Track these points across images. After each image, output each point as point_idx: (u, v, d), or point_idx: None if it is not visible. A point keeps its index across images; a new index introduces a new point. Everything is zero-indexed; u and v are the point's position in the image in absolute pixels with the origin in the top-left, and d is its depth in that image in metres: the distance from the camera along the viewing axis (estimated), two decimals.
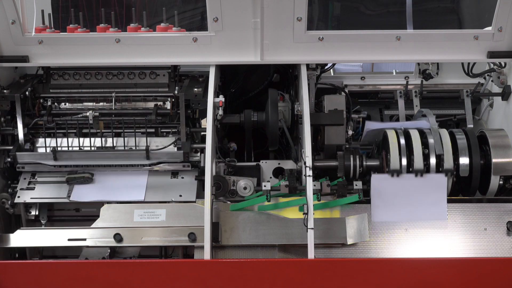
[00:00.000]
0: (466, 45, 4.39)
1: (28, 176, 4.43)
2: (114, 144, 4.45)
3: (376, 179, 4.12)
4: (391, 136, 4.21)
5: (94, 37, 4.39)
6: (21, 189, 4.39)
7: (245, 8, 4.17)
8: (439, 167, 4.15)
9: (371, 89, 5.22)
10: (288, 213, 4.10)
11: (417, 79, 5.10)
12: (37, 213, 4.45)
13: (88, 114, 4.38)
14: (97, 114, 4.39)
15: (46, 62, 4.47)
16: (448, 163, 4.10)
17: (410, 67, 5.39)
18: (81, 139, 4.45)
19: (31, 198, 4.36)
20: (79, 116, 4.43)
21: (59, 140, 4.47)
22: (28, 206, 4.45)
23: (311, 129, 4.19)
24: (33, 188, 4.39)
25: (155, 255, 4.44)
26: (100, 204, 4.29)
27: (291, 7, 4.16)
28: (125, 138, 4.46)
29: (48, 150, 4.42)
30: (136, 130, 4.45)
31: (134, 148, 4.43)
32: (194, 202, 4.26)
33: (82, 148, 4.43)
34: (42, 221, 4.44)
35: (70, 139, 4.44)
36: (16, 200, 4.35)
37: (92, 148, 4.44)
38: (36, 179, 4.43)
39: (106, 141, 4.46)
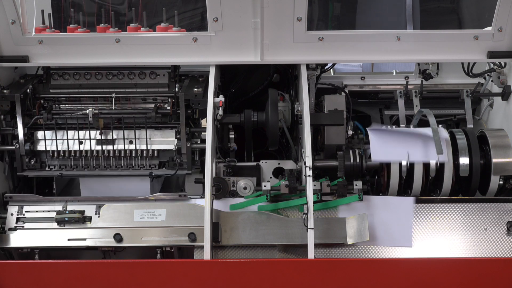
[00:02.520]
0: (466, 45, 4.39)
1: (15, 211, 4.28)
2: (114, 144, 4.44)
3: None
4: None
5: (94, 37, 4.39)
6: (10, 228, 4.24)
7: (245, 8, 4.17)
8: (439, 167, 4.17)
9: (371, 89, 5.22)
10: None
11: (417, 79, 5.10)
12: (29, 250, 4.27)
13: (87, 111, 4.37)
14: (96, 111, 4.39)
15: (46, 62, 4.47)
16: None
17: (410, 67, 5.39)
18: (81, 138, 4.45)
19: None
20: (78, 113, 4.42)
21: (59, 139, 4.46)
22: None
23: (311, 129, 4.19)
24: (22, 227, 4.24)
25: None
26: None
27: (291, 7, 4.16)
28: (125, 138, 4.46)
29: (48, 148, 4.42)
30: (136, 130, 4.45)
31: (134, 147, 4.43)
32: (194, 202, 4.26)
33: (82, 144, 4.42)
34: (35, 256, 4.26)
35: (70, 136, 4.43)
36: (8, 246, 4.20)
37: (92, 148, 4.44)
38: (24, 214, 4.28)
39: (106, 140, 4.45)
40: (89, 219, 4.22)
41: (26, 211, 4.28)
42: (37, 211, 4.28)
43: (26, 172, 4.47)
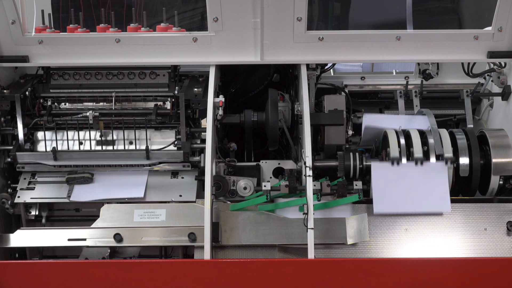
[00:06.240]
0: (466, 45, 4.39)
1: (28, 176, 4.43)
2: (114, 144, 4.45)
3: (377, 168, 4.11)
4: (391, 134, 4.22)
5: (94, 37, 4.39)
6: (21, 189, 4.39)
7: (245, 8, 4.17)
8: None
9: (371, 89, 5.22)
10: None
11: (417, 79, 5.10)
12: (37, 213, 4.45)
13: (88, 114, 4.38)
14: (97, 114, 4.39)
15: (46, 62, 4.47)
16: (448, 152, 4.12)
17: (410, 67, 5.39)
18: (81, 139, 4.45)
19: (31, 198, 4.36)
20: (79, 116, 4.43)
21: (59, 140, 4.47)
22: (28, 206, 4.45)
23: (311, 129, 4.19)
24: (33, 188, 4.39)
25: (155, 255, 4.44)
26: (100, 204, 4.29)
27: (291, 7, 4.16)
28: (125, 138, 4.46)
29: (48, 149, 4.42)
30: (136, 130, 4.45)
31: (134, 147, 4.43)
32: (194, 202, 4.26)
33: (82, 145, 4.43)
34: (42, 221, 4.43)
35: (70, 138, 4.44)
36: (16, 200, 4.35)
37: (92, 148, 4.44)
38: (36, 179, 4.43)
39: (106, 141, 4.46)
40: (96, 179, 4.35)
41: (38, 177, 4.41)
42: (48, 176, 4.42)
43: None
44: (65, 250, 4.49)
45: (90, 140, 4.45)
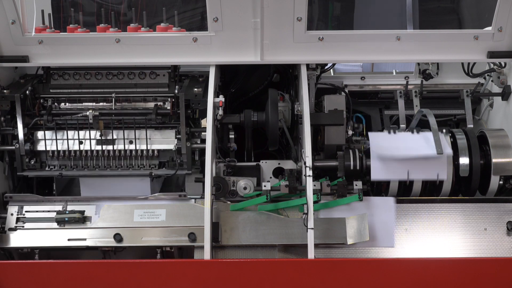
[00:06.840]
0: (466, 45, 4.39)
1: (15, 211, 4.26)
2: (114, 144, 4.44)
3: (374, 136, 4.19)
4: None
5: (94, 37, 4.40)
6: (10, 229, 4.23)
7: (245, 8, 4.17)
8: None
9: (371, 89, 5.22)
10: None
11: (417, 79, 5.10)
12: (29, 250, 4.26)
13: (88, 113, 4.37)
14: (97, 113, 4.39)
15: (46, 62, 4.47)
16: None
17: (410, 67, 5.39)
18: (81, 138, 4.45)
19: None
20: (79, 115, 4.42)
21: (59, 140, 4.46)
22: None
23: (311, 129, 4.19)
24: (22, 227, 4.23)
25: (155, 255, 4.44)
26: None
27: (291, 7, 4.16)
28: (125, 138, 4.46)
29: (48, 148, 4.42)
30: (136, 130, 4.45)
31: (134, 147, 4.43)
32: (194, 202, 4.26)
33: (82, 144, 4.42)
34: (35, 257, 4.24)
35: (70, 137, 4.44)
36: (6, 246, 4.19)
37: (92, 148, 4.44)
38: (24, 214, 4.27)
39: (106, 140, 4.45)
40: (89, 219, 4.22)
41: (26, 211, 4.27)
42: (37, 211, 4.27)
43: (26, 172, 4.47)
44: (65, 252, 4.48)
45: (90, 139, 4.45)
